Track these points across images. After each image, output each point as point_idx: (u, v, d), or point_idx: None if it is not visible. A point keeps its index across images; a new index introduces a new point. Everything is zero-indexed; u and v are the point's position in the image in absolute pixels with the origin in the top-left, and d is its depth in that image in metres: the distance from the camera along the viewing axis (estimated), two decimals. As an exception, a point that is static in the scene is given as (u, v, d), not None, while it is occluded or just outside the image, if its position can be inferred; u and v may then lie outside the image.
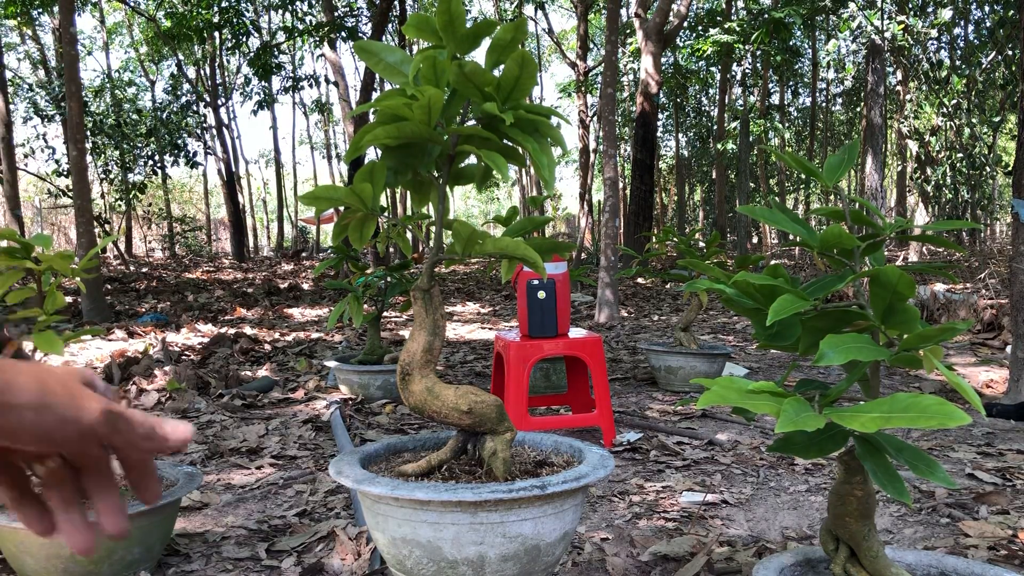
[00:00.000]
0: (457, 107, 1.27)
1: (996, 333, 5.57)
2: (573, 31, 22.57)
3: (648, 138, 11.95)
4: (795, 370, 4.45)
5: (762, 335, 1.13)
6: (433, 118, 1.17)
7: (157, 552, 1.71)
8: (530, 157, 1.22)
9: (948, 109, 12.43)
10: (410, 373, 1.34)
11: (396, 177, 1.31)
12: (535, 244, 1.31)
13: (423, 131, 1.19)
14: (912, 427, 0.88)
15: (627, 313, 7.89)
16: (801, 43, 18.07)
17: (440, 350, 1.36)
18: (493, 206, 41.71)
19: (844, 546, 1.14)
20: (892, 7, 11.87)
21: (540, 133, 1.24)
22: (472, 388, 1.36)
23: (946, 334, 0.98)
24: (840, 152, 1.21)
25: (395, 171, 1.30)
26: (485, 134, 1.21)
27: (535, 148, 1.20)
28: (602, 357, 2.81)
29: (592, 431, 3.03)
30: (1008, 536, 1.85)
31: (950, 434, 2.90)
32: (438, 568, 1.24)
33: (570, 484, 1.22)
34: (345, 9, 13.86)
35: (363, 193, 1.24)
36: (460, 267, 15.76)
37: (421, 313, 1.34)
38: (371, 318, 3.66)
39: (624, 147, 22.59)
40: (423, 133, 1.20)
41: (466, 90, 1.20)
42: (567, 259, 3.20)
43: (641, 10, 11.17)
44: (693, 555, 1.78)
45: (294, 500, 2.24)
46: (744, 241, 13.30)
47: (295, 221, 28.83)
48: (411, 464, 1.43)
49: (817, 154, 22.34)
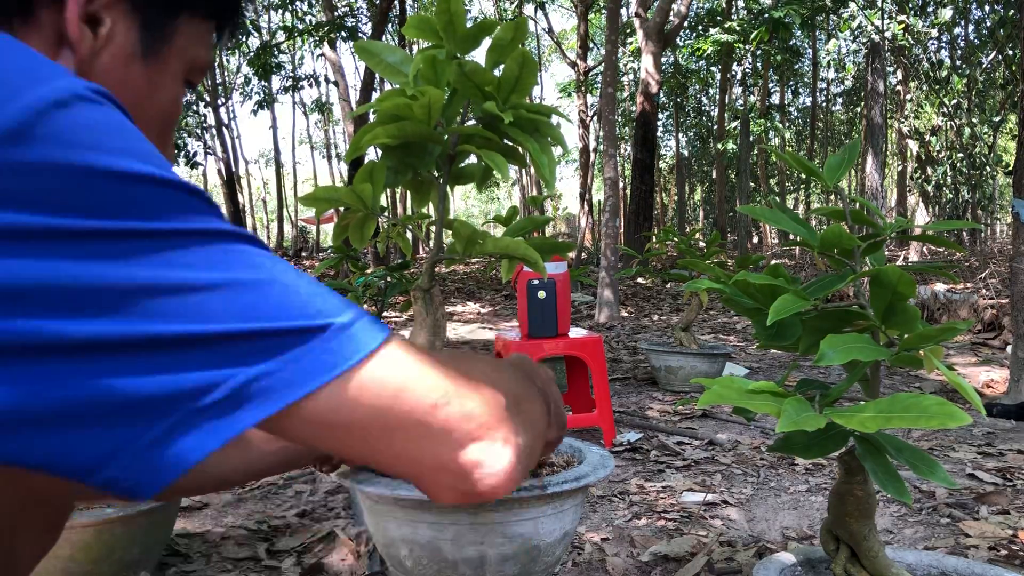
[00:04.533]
0: (457, 107, 1.27)
1: (996, 333, 5.57)
2: (573, 31, 22.56)
3: (648, 138, 11.94)
4: (795, 370, 4.45)
5: (762, 335, 1.12)
6: (433, 118, 1.17)
7: (157, 552, 1.71)
8: (530, 157, 1.21)
9: (948, 109, 12.43)
10: None
11: (396, 177, 1.30)
12: (535, 244, 1.30)
13: (424, 131, 1.19)
14: (913, 427, 0.88)
15: (627, 313, 7.88)
16: (801, 43, 18.05)
17: (441, 349, 1.36)
18: (493, 206, 41.71)
19: (844, 546, 1.14)
20: (892, 7, 11.86)
21: (540, 132, 1.24)
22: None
23: (946, 334, 0.98)
24: (840, 152, 1.20)
25: (395, 171, 1.30)
26: (486, 134, 1.21)
27: (535, 148, 1.20)
28: (602, 357, 2.81)
29: (592, 431, 3.03)
30: (1008, 536, 1.85)
31: (950, 434, 2.90)
32: (438, 568, 1.24)
33: (570, 484, 1.22)
34: (345, 9, 13.86)
35: (363, 193, 1.24)
36: (460, 267, 15.77)
37: (421, 313, 1.34)
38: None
39: (624, 147, 22.58)
40: (424, 133, 1.20)
41: (466, 90, 1.20)
42: (567, 259, 3.20)
43: (641, 10, 11.17)
44: (693, 555, 1.77)
45: (294, 500, 2.24)
46: (744, 241, 13.31)
47: (295, 221, 28.84)
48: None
49: (817, 154, 22.34)
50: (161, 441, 0.40)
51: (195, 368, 0.40)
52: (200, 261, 0.41)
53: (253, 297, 0.42)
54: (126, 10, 0.54)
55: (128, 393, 0.39)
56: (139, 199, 0.41)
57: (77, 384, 0.38)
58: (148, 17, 0.56)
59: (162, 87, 0.59)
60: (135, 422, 0.40)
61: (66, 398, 0.38)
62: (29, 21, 0.51)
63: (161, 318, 0.40)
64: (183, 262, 0.41)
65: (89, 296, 0.38)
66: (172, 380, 0.40)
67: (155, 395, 0.40)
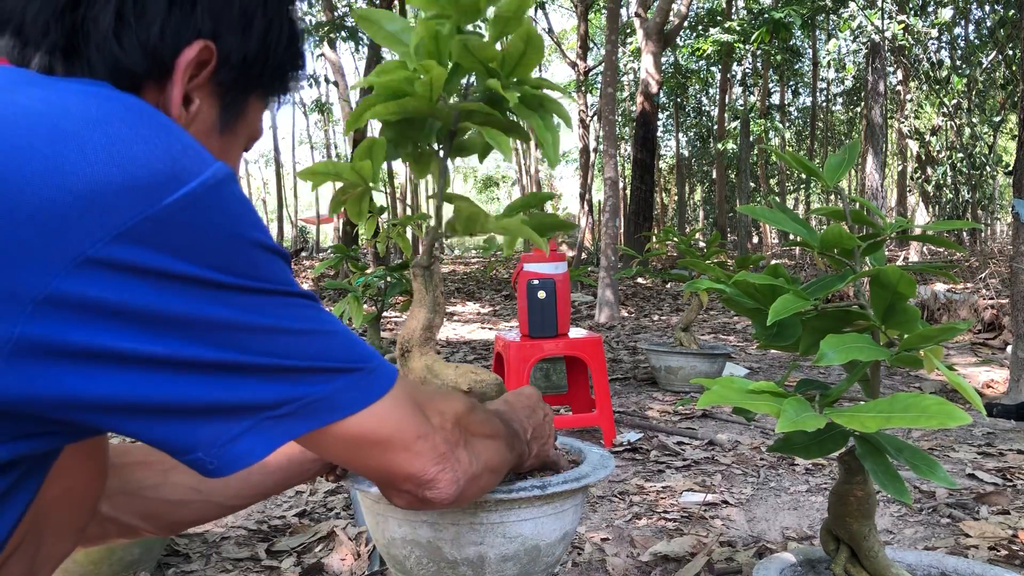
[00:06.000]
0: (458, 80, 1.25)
1: (997, 333, 5.57)
2: (573, 31, 22.56)
3: (648, 138, 11.95)
4: (795, 370, 4.45)
5: (762, 335, 1.12)
6: (435, 95, 1.15)
7: (157, 552, 1.71)
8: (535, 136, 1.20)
9: (948, 109, 12.42)
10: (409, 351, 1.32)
11: (396, 150, 1.29)
12: (535, 222, 1.29)
13: (425, 107, 1.17)
14: (913, 427, 0.88)
15: (627, 313, 7.88)
16: (801, 43, 18.05)
17: (440, 327, 1.35)
18: (493, 206, 41.71)
19: (844, 546, 1.14)
20: (892, 7, 11.86)
21: (545, 109, 1.22)
22: (472, 367, 1.35)
23: (947, 334, 0.98)
24: (841, 152, 1.20)
25: (395, 144, 1.28)
26: (488, 111, 1.19)
27: (540, 125, 1.18)
28: (602, 357, 2.81)
29: (592, 431, 3.03)
30: (1008, 536, 1.85)
31: (950, 434, 2.90)
32: (438, 568, 1.24)
33: (570, 484, 1.22)
34: (345, 9, 13.85)
35: (363, 170, 1.23)
36: (460, 267, 15.76)
37: (420, 290, 1.32)
38: (371, 318, 3.66)
39: (624, 147, 22.58)
40: (425, 109, 1.18)
41: (469, 64, 1.18)
42: (567, 259, 3.20)
43: (641, 10, 11.17)
44: (693, 555, 1.77)
45: (294, 500, 2.24)
46: (744, 241, 13.30)
47: (295, 221, 28.84)
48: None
49: (817, 154, 22.34)
50: (239, 438, 0.55)
51: (275, 388, 0.56)
52: (291, 314, 0.57)
53: (324, 342, 0.59)
54: (212, 91, 0.65)
55: (225, 401, 0.54)
56: (260, 263, 0.55)
57: (196, 391, 0.53)
58: (228, 99, 0.67)
59: (230, 155, 0.70)
60: (225, 421, 0.55)
61: (186, 398, 0.52)
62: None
63: (262, 353, 0.55)
64: (282, 313, 0.56)
65: (217, 332, 0.53)
66: (256, 394, 0.55)
67: (242, 404, 0.55)
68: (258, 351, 0.54)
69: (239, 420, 0.55)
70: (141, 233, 0.49)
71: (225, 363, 0.53)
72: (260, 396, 0.55)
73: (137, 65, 0.59)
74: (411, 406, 0.68)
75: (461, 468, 0.74)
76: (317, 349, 0.58)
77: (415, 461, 0.68)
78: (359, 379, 0.61)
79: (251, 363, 0.54)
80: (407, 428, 0.66)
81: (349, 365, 0.60)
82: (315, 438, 0.61)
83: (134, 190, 0.49)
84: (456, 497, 0.74)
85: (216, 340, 0.52)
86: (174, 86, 0.61)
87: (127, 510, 0.84)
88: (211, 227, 0.51)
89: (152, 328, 0.50)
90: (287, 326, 0.56)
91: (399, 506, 0.75)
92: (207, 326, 0.52)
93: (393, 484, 0.71)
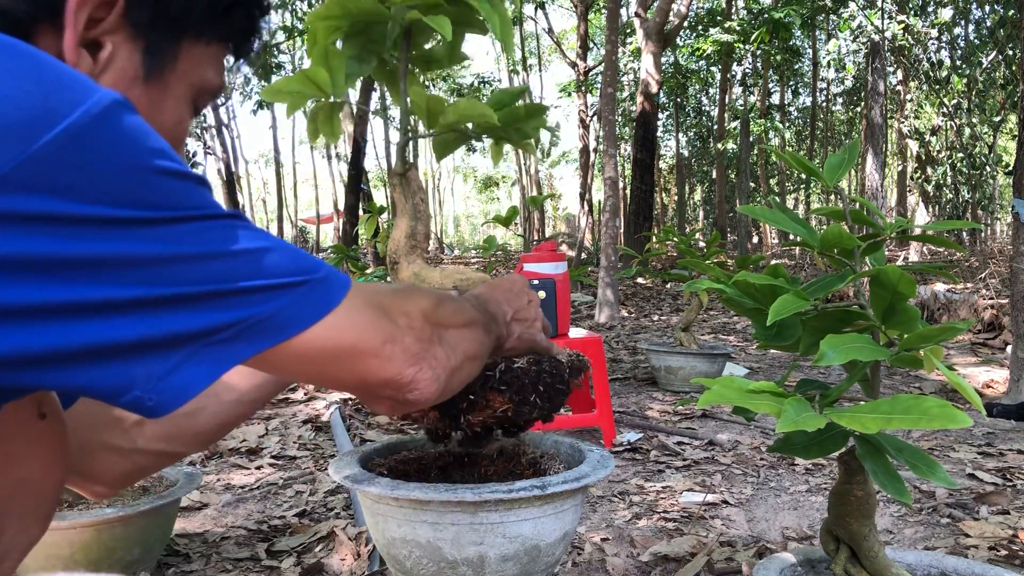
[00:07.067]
0: None
1: (996, 333, 5.57)
2: (573, 31, 22.54)
3: (648, 138, 11.94)
4: (795, 370, 4.45)
5: (762, 335, 1.12)
6: None
7: (157, 552, 1.71)
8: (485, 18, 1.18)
9: (948, 109, 12.42)
10: (397, 262, 1.31)
11: (361, 66, 1.28)
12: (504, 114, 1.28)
13: (368, 5, 1.16)
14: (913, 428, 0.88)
15: (627, 313, 7.88)
16: (801, 43, 18.03)
17: (424, 235, 1.33)
18: (494, 206, 41.69)
19: (844, 546, 1.14)
20: (892, 7, 11.86)
21: None
22: (458, 267, 1.34)
23: (947, 334, 0.98)
24: (841, 152, 1.20)
25: (358, 59, 1.27)
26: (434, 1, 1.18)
27: (487, 8, 1.16)
28: (602, 357, 2.81)
29: (592, 431, 3.03)
30: (1008, 536, 1.85)
31: (950, 434, 2.90)
32: (438, 568, 1.24)
33: (570, 484, 1.22)
34: None
35: (318, 79, 1.21)
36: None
37: (400, 199, 1.31)
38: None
39: (624, 147, 22.57)
40: (369, 8, 1.17)
41: None
42: (567, 260, 3.20)
43: (641, 10, 11.16)
44: (693, 555, 1.77)
45: (294, 500, 2.24)
46: (744, 241, 13.31)
47: (295, 221, 28.83)
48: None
49: (817, 154, 22.33)
50: (176, 369, 0.52)
51: (207, 315, 0.52)
52: (213, 238, 0.53)
53: (256, 261, 0.55)
54: (128, 35, 0.59)
55: (151, 336, 0.51)
56: (169, 190, 0.51)
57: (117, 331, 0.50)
58: (150, 42, 0.61)
59: (164, 109, 0.64)
60: (157, 356, 0.52)
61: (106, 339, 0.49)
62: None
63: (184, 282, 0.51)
64: (204, 238, 0.52)
65: (128, 268, 0.49)
66: (185, 324, 0.52)
67: (171, 336, 0.51)
68: (179, 280, 0.51)
69: (173, 352, 0.52)
70: (20, 179, 0.45)
71: (142, 299, 0.50)
72: (190, 325, 0.52)
73: (17, 7, 0.54)
74: (372, 311, 0.64)
75: (440, 364, 0.71)
76: (250, 268, 0.54)
77: (387, 366, 0.65)
78: (307, 292, 0.57)
79: (173, 294, 0.51)
80: (371, 334, 0.63)
81: (292, 279, 0.56)
82: (271, 359, 0.58)
83: (3, 133, 0.44)
84: (439, 392, 0.72)
85: (129, 277, 0.49)
86: (66, 28, 0.56)
87: (146, 437, 0.82)
88: (104, 160, 0.47)
89: (54, 275, 0.47)
90: (210, 251, 0.52)
91: (384, 412, 0.73)
92: (115, 264, 0.48)
93: (372, 392, 0.68)
